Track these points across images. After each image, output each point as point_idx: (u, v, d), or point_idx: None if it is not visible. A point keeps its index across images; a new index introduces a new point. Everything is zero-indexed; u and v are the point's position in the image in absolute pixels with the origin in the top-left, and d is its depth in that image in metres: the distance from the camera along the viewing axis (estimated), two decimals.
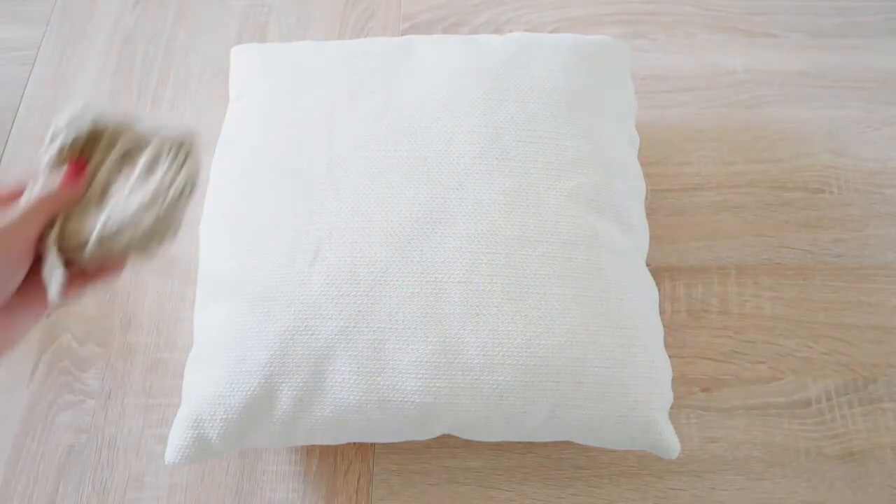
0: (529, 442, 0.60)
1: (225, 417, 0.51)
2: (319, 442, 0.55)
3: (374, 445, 0.61)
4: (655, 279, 0.59)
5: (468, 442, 0.60)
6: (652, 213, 0.69)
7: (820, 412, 0.62)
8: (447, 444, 0.61)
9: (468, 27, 0.84)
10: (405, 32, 0.84)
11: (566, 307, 0.52)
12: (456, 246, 0.53)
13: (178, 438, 0.52)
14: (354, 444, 0.61)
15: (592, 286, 0.53)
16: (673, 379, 0.56)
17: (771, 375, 0.64)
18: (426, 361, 0.50)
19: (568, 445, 0.60)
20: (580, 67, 0.62)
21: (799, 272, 0.69)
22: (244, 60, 0.65)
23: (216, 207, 0.59)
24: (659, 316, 0.57)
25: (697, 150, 0.75)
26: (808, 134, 0.76)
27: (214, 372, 0.52)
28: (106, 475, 0.61)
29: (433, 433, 0.54)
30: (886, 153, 0.75)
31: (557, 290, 0.52)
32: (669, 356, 0.56)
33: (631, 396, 0.51)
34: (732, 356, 0.65)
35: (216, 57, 0.82)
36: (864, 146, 0.75)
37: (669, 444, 0.53)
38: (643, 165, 0.63)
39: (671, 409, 0.55)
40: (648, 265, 0.60)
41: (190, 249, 0.70)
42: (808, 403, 0.63)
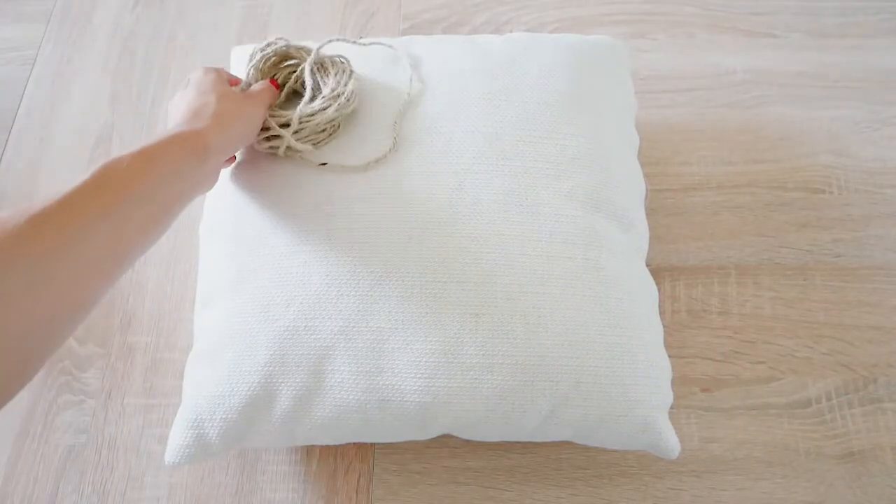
0: (529, 442, 0.60)
1: (225, 417, 0.51)
2: (319, 442, 0.55)
3: (374, 445, 0.61)
4: (655, 279, 0.59)
5: (468, 442, 0.60)
6: (652, 213, 0.69)
7: (820, 412, 0.62)
8: (447, 444, 0.61)
9: (468, 27, 0.84)
10: (405, 32, 0.84)
11: (565, 307, 0.52)
12: (456, 245, 0.53)
13: (178, 438, 0.52)
14: (354, 444, 0.61)
15: (592, 286, 0.53)
16: (673, 379, 0.56)
17: (771, 375, 0.64)
18: (426, 361, 0.50)
19: (568, 445, 0.60)
20: (580, 67, 0.62)
21: (799, 272, 0.69)
22: (244, 60, 0.65)
23: (217, 207, 0.60)
24: (659, 316, 0.57)
25: (697, 150, 0.75)
26: (808, 134, 0.76)
27: (214, 372, 0.52)
28: (106, 475, 0.61)
29: (433, 433, 0.54)
30: (886, 153, 0.75)
31: (557, 290, 0.52)
32: (669, 356, 0.56)
33: (631, 396, 0.51)
34: (732, 356, 0.65)
35: (216, 57, 0.82)
36: (864, 146, 0.75)
37: (669, 444, 0.53)
38: (643, 165, 0.63)
39: (671, 409, 0.55)
40: (648, 265, 0.60)
41: (190, 249, 0.71)
42: (808, 403, 0.63)
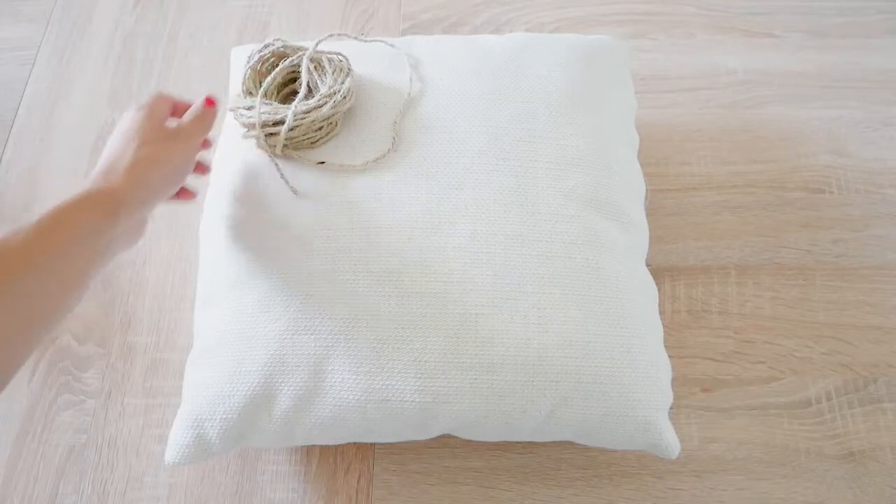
0: (529, 442, 0.60)
1: (225, 417, 0.51)
2: (319, 442, 0.55)
3: (374, 445, 0.61)
4: (655, 279, 0.59)
5: (468, 442, 0.60)
6: (652, 213, 0.69)
7: (820, 412, 0.62)
8: (447, 444, 0.61)
9: (468, 27, 0.84)
10: (405, 32, 0.84)
11: (566, 307, 0.52)
12: (455, 245, 0.53)
13: (178, 438, 0.52)
14: (354, 444, 0.61)
15: (592, 286, 0.53)
16: (673, 379, 0.56)
17: (771, 375, 0.64)
18: (426, 361, 0.50)
19: (568, 445, 0.60)
20: (580, 67, 0.62)
21: (799, 272, 0.69)
22: (244, 60, 0.65)
23: (217, 207, 0.59)
24: (659, 316, 0.57)
25: (697, 150, 0.75)
26: (808, 134, 0.76)
27: (214, 372, 0.52)
28: (106, 475, 0.61)
29: (433, 433, 0.54)
30: (886, 153, 0.75)
31: (557, 289, 0.52)
32: (669, 356, 0.56)
33: (631, 396, 0.51)
34: (732, 356, 0.65)
35: (216, 57, 0.82)
36: (864, 146, 0.75)
37: (669, 444, 0.53)
38: (643, 165, 0.63)
39: (671, 409, 0.55)
40: (648, 265, 0.60)
41: (190, 249, 0.71)
42: (808, 403, 0.63)
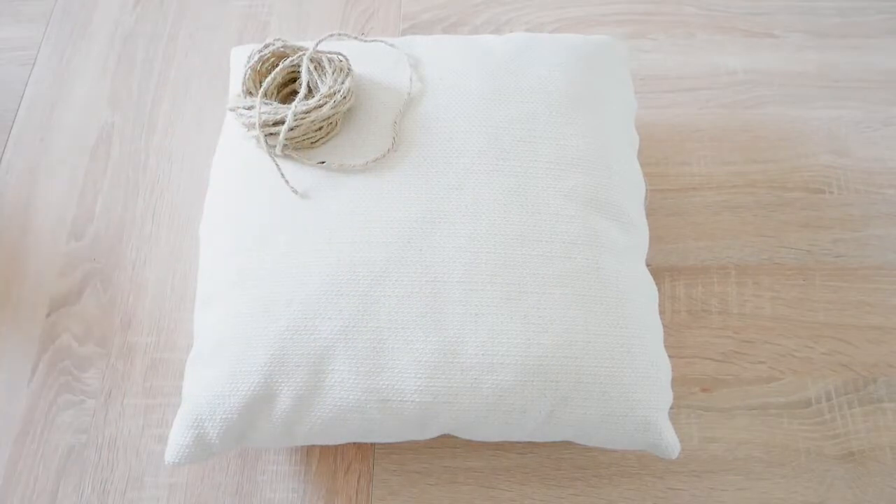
0: (529, 442, 0.60)
1: (225, 417, 0.51)
2: (319, 442, 0.55)
3: (374, 445, 0.61)
4: (655, 279, 0.59)
5: (468, 442, 0.60)
6: (652, 213, 0.69)
7: (820, 412, 0.62)
8: (447, 444, 0.61)
9: (468, 27, 0.84)
10: (405, 32, 0.84)
11: (566, 307, 0.52)
12: (455, 245, 0.53)
13: (178, 438, 0.52)
14: (354, 444, 0.61)
15: (592, 286, 0.53)
16: (673, 379, 0.56)
17: (771, 375, 0.64)
18: (425, 361, 0.50)
19: (568, 445, 0.60)
20: (580, 67, 0.62)
21: (799, 272, 0.69)
22: (244, 60, 0.65)
23: (217, 207, 0.59)
24: (659, 316, 0.57)
25: (697, 150, 0.75)
26: (808, 134, 0.76)
27: (214, 372, 0.52)
28: (106, 475, 0.61)
29: (433, 433, 0.54)
30: (886, 153, 0.75)
31: (557, 289, 0.52)
32: (669, 356, 0.56)
33: (631, 396, 0.51)
34: (732, 356, 0.65)
35: (216, 57, 0.82)
36: (864, 146, 0.75)
37: (669, 444, 0.53)
38: (643, 165, 0.63)
39: (671, 409, 0.55)
40: (648, 265, 0.60)
41: (190, 249, 0.71)
42: (808, 403, 0.63)
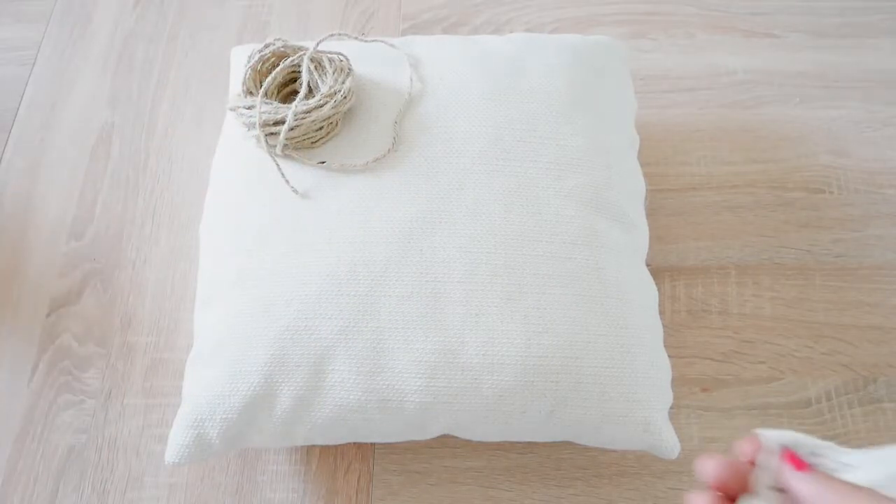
0: (529, 442, 0.60)
1: (225, 417, 0.51)
2: (319, 442, 0.55)
3: (374, 445, 0.61)
4: (655, 279, 0.59)
5: (468, 442, 0.60)
6: (652, 213, 0.69)
7: (820, 412, 0.62)
8: (447, 444, 0.61)
9: (468, 27, 0.84)
10: (405, 32, 0.84)
11: (566, 307, 0.52)
12: (456, 245, 0.53)
13: (178, 438, 0.52)
14: (354, 444, 0.61)
15: (592, 286, 0.53)
16: (673, 379, 0.56)
17: (771, 375, 0.64)
18: (426, 361, 0.50)
19: (568, 445, 0.60)
20: (580, 67, 0.62)
21: (799, 272, 0.69)
22: (244, 60, 0.65)
23: (217, 207, 0.59)
24: (659, 316, 0.57)
25: (697, 150, 0.75)
26: (808, 134, 0.76)
27: (214, 372, 0.52)
28: (106, 475, 0.61)
29: (433, 433, 0.54)
30: (886, 153, 0.75)
31: (557, 290, 0.52)
32: (669, 356, 0.56)
33: (631, 397, 0.51)
34: (732, 356, 0.65)
35: (216, 57, 0.82)
36: (864, 146, 0.75)
37: (669, 444, 0.53)
38: (643, 165, 0.63)
39: (671, 409, 0.55)
40: (648, 265, 0.60)
41: (190, 249, 0.71)
42: (808, 403, 0.63)
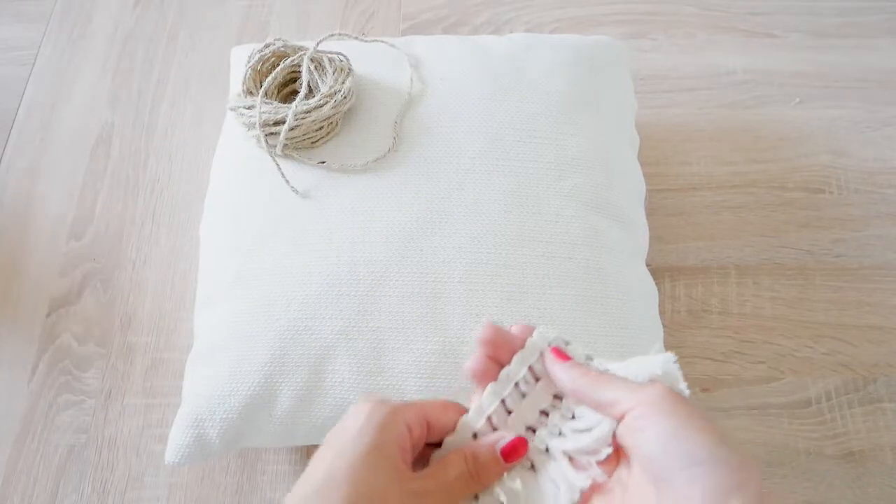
0: None
1: (225, 417, 0.51)
2: (319, 442, 0.54)
3: None
4: (655, 279, 0.59)
5: None
6: (652, 213, 0.69)
7: (820, 412, 0.62)
8: None
9: (468, 27, 0.84)
10: (405, 32, 0.84)
11: (566, 307, 0.51)
12: (456, 245, 0.53)
13: (178, 438, 0.52)
14: None
15: (592, 286, 0.53)
16: None
17: (771, 375, 0.64)
18: (426, 362, 0.50)
19: None
20: (580, 68, 0.62)
21: (799, 272, 0.69)
22: (244, 60, 0.65)
23: (217, 207, 0.59)
24: (659, 316, 0.57)
25: (697, 150, 0.75)
26: (808, 134, 0.76)
27: (214, 372, 0.52)
28: (106, 475, 0.61)
29: None
30: (886, 153, 0.75)
31: (557, 289, 0.52)
32: None
33: None
34: (732, 356, 0.65)
35: (216, 57, 0.82)
36: (864, 146, 0.75)
37: None
38: (643, 165, 0.63)
39: None
40: (648, 265, 0.60)
41: (190, 249, 0.71)
42: (808, 403, 0.63)
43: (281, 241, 0.54)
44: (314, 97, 0.57)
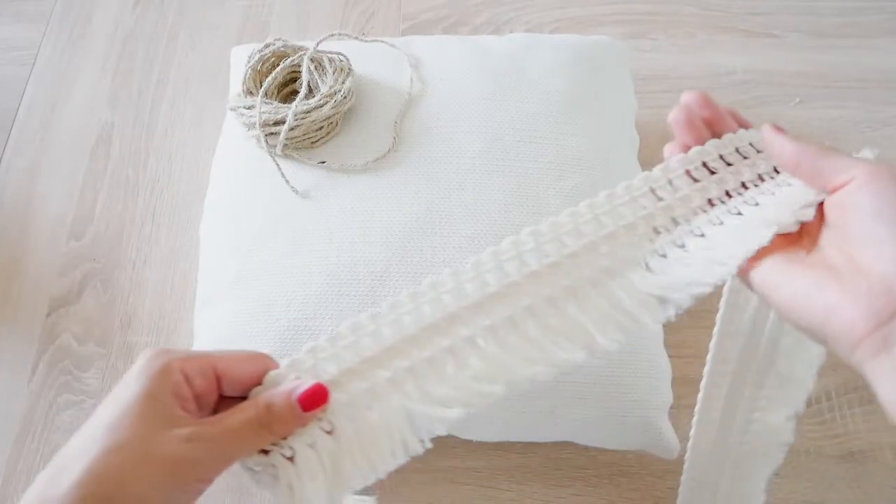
0: (529, 442, 0.60)
1: None
2: None
3: None
4: None
5: (468, 442, 0.60)
6: None
7: (820, 412, 0.62)
8: (447, 444, 0.61)
9: (468, 27, 0.84)
10: (405, 32, 0.84)
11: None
12: (456, 245, 0.53)
13: None
14: None
15: None
16: (673, 379, 0.56)
17: None
18: None
19: (568, 445, 0.60)
20: (580, 68, 0.62)
21: None
22: (244, 60, 0.65)
23: (217, 207, 0.60)
24: None
25: None
26: (808, 134, 0.76)
27: None
28: None
29: None
30: (886, 153, 0.74)
31: None
32: (669, 356, 0.56)
33: (630, 396, 0.51)
34: None
35: (216, 57, 0.82)
36: (864, 146, 0.75)
37: (669, 443, 0.53)
38: (643, 165, 0.63)
39: (671, 409, 0.55)
40: None
41: (190, 249, 0.71)
42: (808, 403, 0.62)
43: (281, 241, 0.54)
44: (314, 97, 0.57)
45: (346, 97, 0.57)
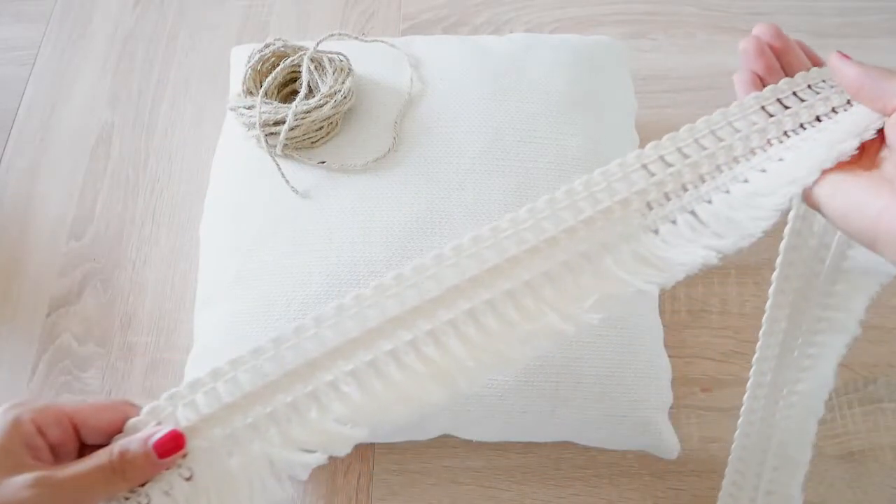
0: (529, 442, 0.60)
1: None
2: None
3: (374, 445, 0.61)
4: None
5: (468, 442, 0.60)
6: None
7: None
8: (447, 444, 0.61)
9: (468, 27, 0.84)
10: (405, 32, 0.84)
11: None
12: None
13: None
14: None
15: None
16: (673, 379, 0.56)
17: None
18: None
19: (568, 445, 0.60)
20: (580, 67, 0.62)
21: None
22: (244, 60, 0.65)
23: (217, 207, 0.60)
24: (659, 316, 0.57)
25: None
26: None
27: None
28: None
29: (432, 433, 0.54)
30: None
31: None
32: (669, 356, 0.56)
33: (631, 396, 0.51)
34: (732, 356, 0.65)
35: (216, 57, 0.82)
36: None
37: (669, 444, 0.53)
38: None
39: (671, 409, 0.55)
40: None
41: (190, 249, 0.71)
42: None
43: (281, 241, 0.54)
44: (314, 97, 0.57)
45: (346, 97, 0.57)
